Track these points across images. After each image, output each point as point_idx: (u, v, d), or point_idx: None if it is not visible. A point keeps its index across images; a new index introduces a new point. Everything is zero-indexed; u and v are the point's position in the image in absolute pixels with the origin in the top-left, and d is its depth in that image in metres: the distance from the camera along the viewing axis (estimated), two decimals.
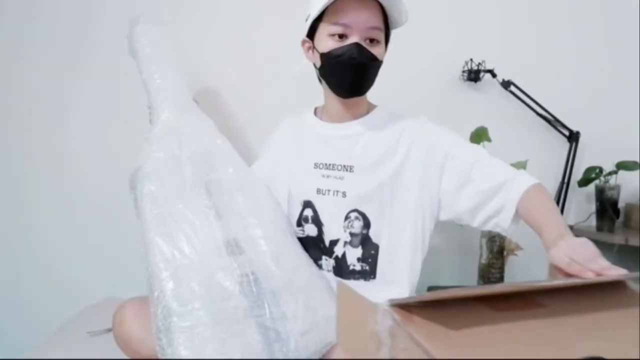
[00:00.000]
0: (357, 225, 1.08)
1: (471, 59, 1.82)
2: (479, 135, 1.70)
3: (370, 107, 1.17)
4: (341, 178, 1.09)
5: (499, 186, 1.02)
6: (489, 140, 1.70)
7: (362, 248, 1.09)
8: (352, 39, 1.00)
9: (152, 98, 1.18)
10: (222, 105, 1.76)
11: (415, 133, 1.11)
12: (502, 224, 1.04)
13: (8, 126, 1.74)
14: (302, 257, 1.08)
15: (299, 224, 1.15)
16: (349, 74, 1.03)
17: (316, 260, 1.13)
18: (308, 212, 1.13)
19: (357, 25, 1.00)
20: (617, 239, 1.75)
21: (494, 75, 1.82)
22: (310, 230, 1.13)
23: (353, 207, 1.09)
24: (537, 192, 1.01)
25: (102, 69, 1.74)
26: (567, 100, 1.89)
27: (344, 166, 1.10)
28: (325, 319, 0.97)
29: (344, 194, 1.09)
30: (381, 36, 1.04)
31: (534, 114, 1.86)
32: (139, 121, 1.73)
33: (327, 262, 1.13)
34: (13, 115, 1.74)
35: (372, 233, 1.09)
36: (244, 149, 1.49)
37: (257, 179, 1.16)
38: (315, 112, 1.21)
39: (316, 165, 1.13)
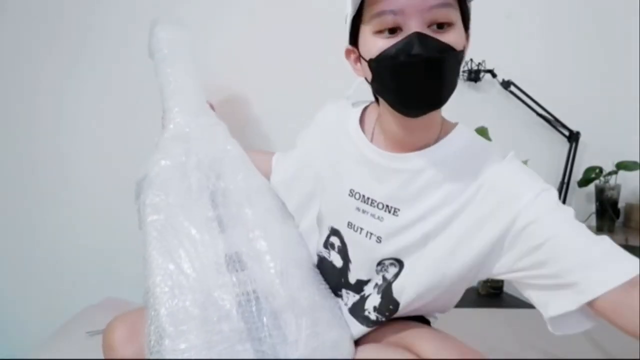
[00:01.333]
0: (392, 272, 0.88)
1: (471, 59, 1.82)
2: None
3: (445, 128, 0.84)
4: (380, 219, 0.84)
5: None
6: (489, 140, 1.70)
7: (381, 298, 0.90)
8: (410, 29, 0.70)
9: (165, 102, 1.15)
10: (239, 110, 1.76)
11: (503, 196, 0.77)
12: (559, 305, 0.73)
13: (9, 127, 1.74)
14: (311, 274, 0.96)
15: (325, 247, 0.98)
16: (414, 80, 0.72)
17: (335, 291, 0.98)
18: (335, 241, 0.94)
19: (413, 8, 0.69)
20: (617, 239, 1.75)
21: (494, 75, 1.82)
22: (336, 259, 0.95)
23: (388, 256, 0.87)
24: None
25: (104, 70, 1.74)
26: (567, 100, 1.89)
27: (387, 206, 0.83)
28: (332, 343, 0.88)
29: (379, 239, 0.85)
30: (454, 14, 0.72)
31: (534, 114, 1.86)
32: (140, 122, 1.74)
33: (348, 296, 0.96)
34: (14, 115, 1.74)
35: (396, 285, 0.86)
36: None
37: (269, 188, 1.04)
38: (361, 122, 0.89)
39: (352, 193, 0.88)
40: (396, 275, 0.87)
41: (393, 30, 0.71)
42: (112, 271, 1.75)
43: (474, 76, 1.82)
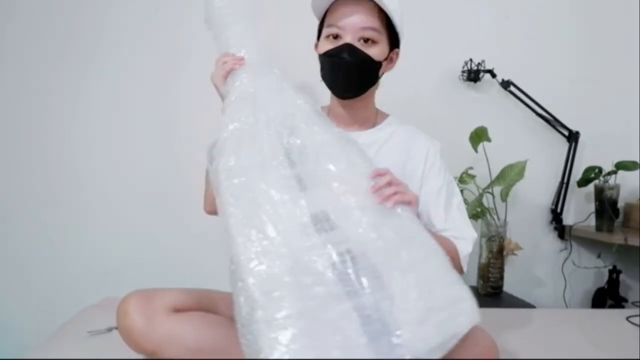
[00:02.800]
0: None
1: (471, 59, 1.82)
2: (479, 135, 1.70)
3: (380, 117, 1.14)
4: None
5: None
6: (489, 140, 1.70)
7: None
8: (345, 39, 1.01)
9: None
10: None
11: (425, 154, 1.11)
12: None
13: (11, 127, 1.74)
14: (409, 226, 0.90)
15: None
16: (340, 74, 1.04)
17: None
18: None
19: (350, 27, 1.00)
20: (616, 238, 1.76)
21: (493, 75, 1.82)
22: None
23: None
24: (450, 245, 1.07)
25: (117, 71, 1.74)
26: (566, 100, 1.90)
27: None
28: (448, 302, 0.80)
29: None
30: (378, 36, 1.03)
31: (533, 114, 1.86)
32: (152, 124, 1.75)
33: None
34: (18, 116, 1.73)
35: None
36: None
37: (349, 139, 1.00)
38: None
39: None
40: None
41: (336, 37, 1.03)
42: (112, 271, 1.75)
43: (474, 76, 1.82)
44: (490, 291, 1.74)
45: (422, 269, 0.81)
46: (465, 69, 1.83)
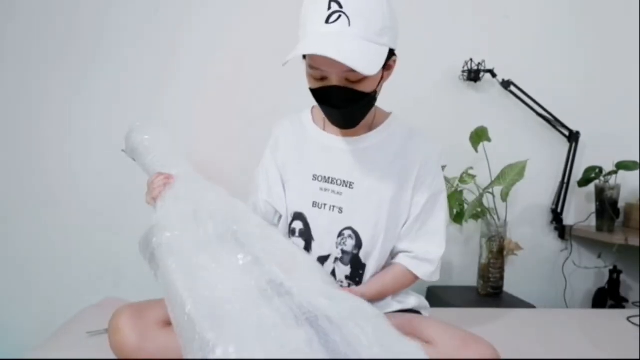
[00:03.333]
0: (350, 244, 1.05)
1: (471, 59, 1.82)
2: (479, 135, 1.70)
3: (380, 117, 1.09)
4: (339, 193, 1.04)
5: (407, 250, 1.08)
6: (489, 140, 1.70)
7: (351, 268, 1.06)
8: (331, 81, 0.93)
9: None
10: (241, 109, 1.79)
11: (422, 161, 1.06)
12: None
13: (11, 127, 1.73)
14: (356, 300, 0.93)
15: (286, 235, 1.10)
16: (334, 114, 0.99)
17: None
18: (297, 225, 1.07)
19: (333, 71, 0.91)
20: (617, 238, 1.76)
21: (494, 75, 1.82)
22: (298, 243, 1.07)
23: (348, 225, 1.04)
24: (398, 272, 1.07)
25: (116, 72, 1.74)
26: (567, 100, 1.90)
27: (344, 181, 1.04)
28: (407, 353, 0.81)
29: (340, 210, 1.04)
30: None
31: (534, 114, 1.86)
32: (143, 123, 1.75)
33: None
34: (18, 116, 1.73)
35: (362, 254, 1.05)
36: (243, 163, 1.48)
37: (278, 229, 1.08)
38: (312, 116, 1.12)
39: (315, 177, 1.06)
40: (357, 247, 1.05)
41: (321, 78, 0.94)
42: (112, 271, 1.75)
43: (474, 76, 1.82)
44: (490, 291, 1.74)
45: (377, 332, 0.83)
46: (466, 68, 1.83)
